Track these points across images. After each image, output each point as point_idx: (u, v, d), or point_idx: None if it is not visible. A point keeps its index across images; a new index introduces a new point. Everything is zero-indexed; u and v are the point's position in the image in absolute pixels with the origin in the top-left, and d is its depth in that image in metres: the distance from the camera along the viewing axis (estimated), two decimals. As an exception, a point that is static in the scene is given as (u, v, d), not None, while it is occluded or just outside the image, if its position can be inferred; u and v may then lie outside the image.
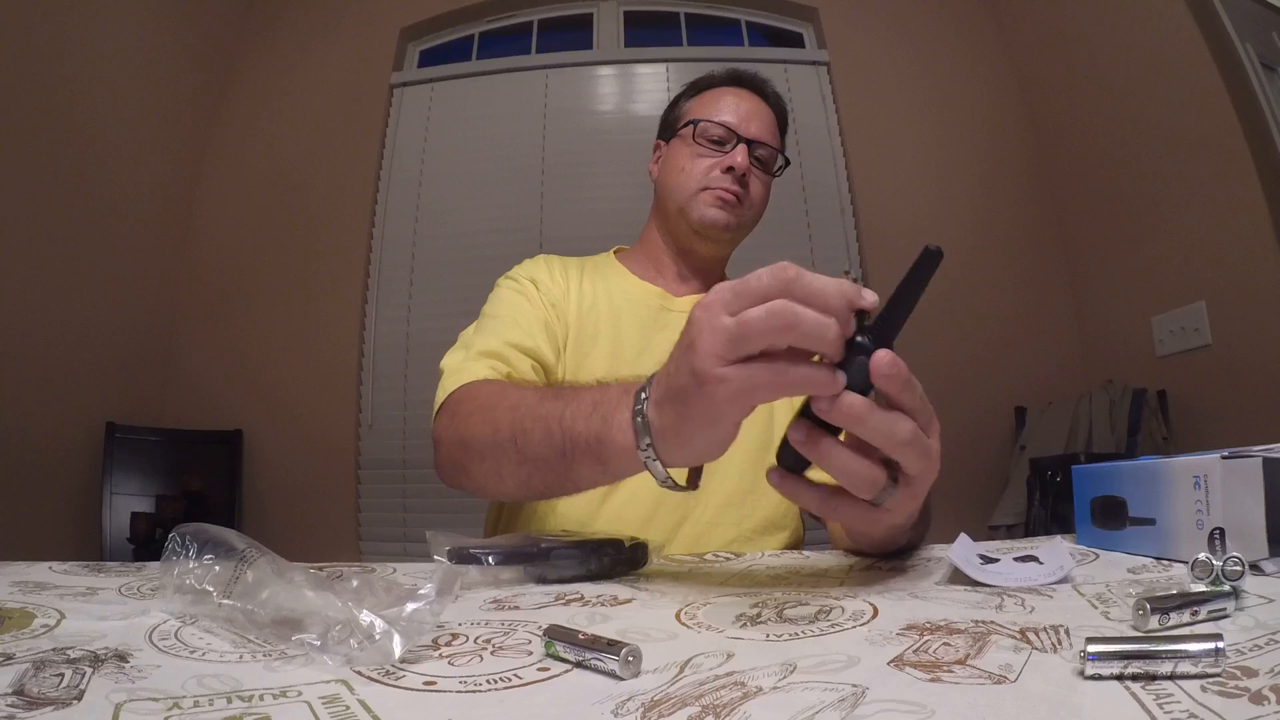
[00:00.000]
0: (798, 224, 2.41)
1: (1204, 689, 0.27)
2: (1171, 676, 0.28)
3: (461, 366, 0.78)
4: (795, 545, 0.91)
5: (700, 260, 0.99)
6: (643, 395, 0.48)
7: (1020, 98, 2.50)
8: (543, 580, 0.53)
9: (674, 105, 1.05)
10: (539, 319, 0.88)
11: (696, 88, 1.02)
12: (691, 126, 0.96)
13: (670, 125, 1.03)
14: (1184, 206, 1.92)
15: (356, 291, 2.43)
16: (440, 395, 0.77)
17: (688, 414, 0.45)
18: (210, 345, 2.44)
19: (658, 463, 0.48)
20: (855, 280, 0.43)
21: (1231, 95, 1.73)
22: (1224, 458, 0.48)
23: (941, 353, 2.31)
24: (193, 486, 2.23)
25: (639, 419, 0.48)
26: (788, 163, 1.00)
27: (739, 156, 0.92)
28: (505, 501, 0.92)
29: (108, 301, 2.22)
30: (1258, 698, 0.26)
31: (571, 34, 2.67)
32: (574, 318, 0.91)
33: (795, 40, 2.67)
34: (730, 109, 0.96)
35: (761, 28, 2.69)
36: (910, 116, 2.49)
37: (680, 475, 0.50)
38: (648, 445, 0.47)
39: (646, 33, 2.65)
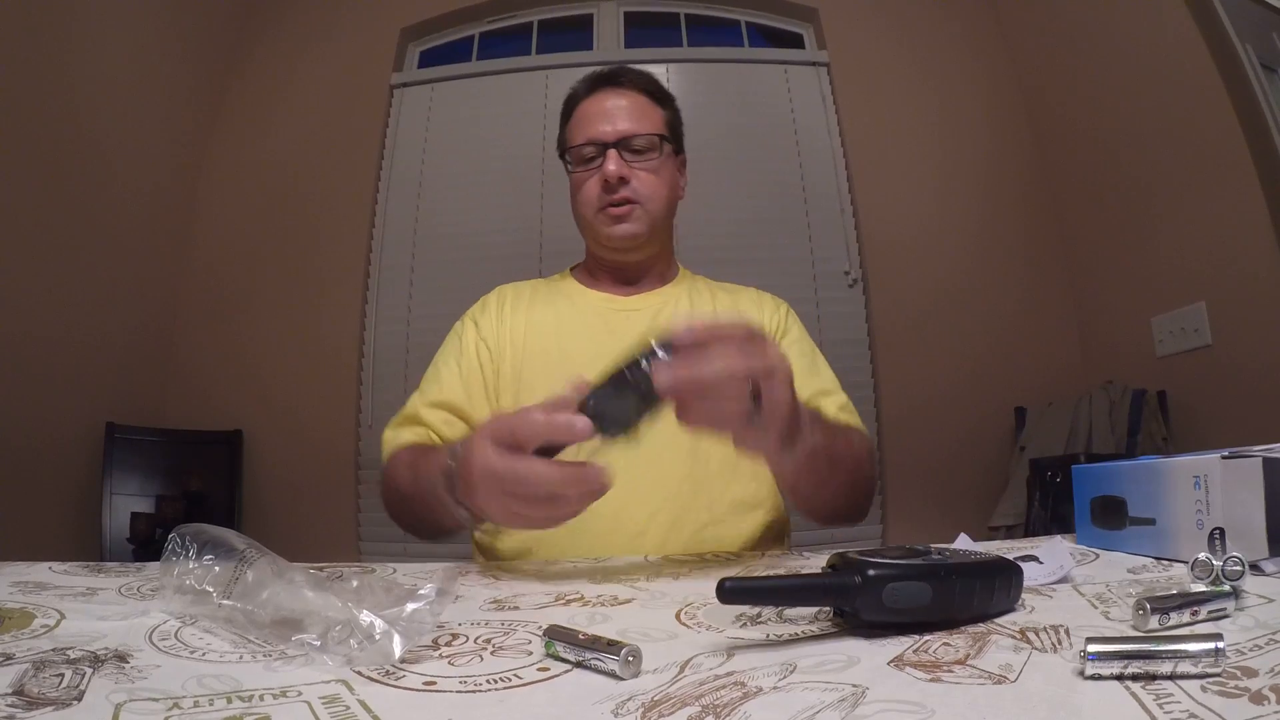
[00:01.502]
0: (798, 224, 2.41)
1: (1204, 689, 0.27)
2: (1171, 676, 0.28)
3: (393, 437, 0.93)
4: (776, 525, 0.92)
5: (636, 268, 1.01)
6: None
7: (1020, 98, 2.50)
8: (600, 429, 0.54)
9: (559, 135, 1.05)
10: (467, 365, 0.97)
11: (564, 111, 1.03)
12: (567, 160, 0.99)
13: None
14: (1184, 207, 1.92)
15: (356, 292, 2.43)
16: (383, 460, 0.93)
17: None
18: (210, 345, 2.44)
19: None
20: (855, 281, 0.45)
21: (1231, 96, 1.73)
22: (1224, 458, 0.48)
23: (942, 353, 2.31)
24: (193, 487, 2.23)
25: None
26: (675, 135, 1.00)
27: (609, 164, 0.93)
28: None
29: (108, 302, 2.22)
30: (1258, 698, 0.26)
31: (571, 34, 2.67)
32: (521, 348, 0.97)
33: (795, 41, 2.67)
34: (591, 120, 0.96)
35: (761, 28, 2.69)
36: (910, 117, 2.49)
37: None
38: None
39: (647, 33, 2.65)
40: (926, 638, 0.35)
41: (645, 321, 0.96)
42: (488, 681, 0.32)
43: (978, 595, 0.38)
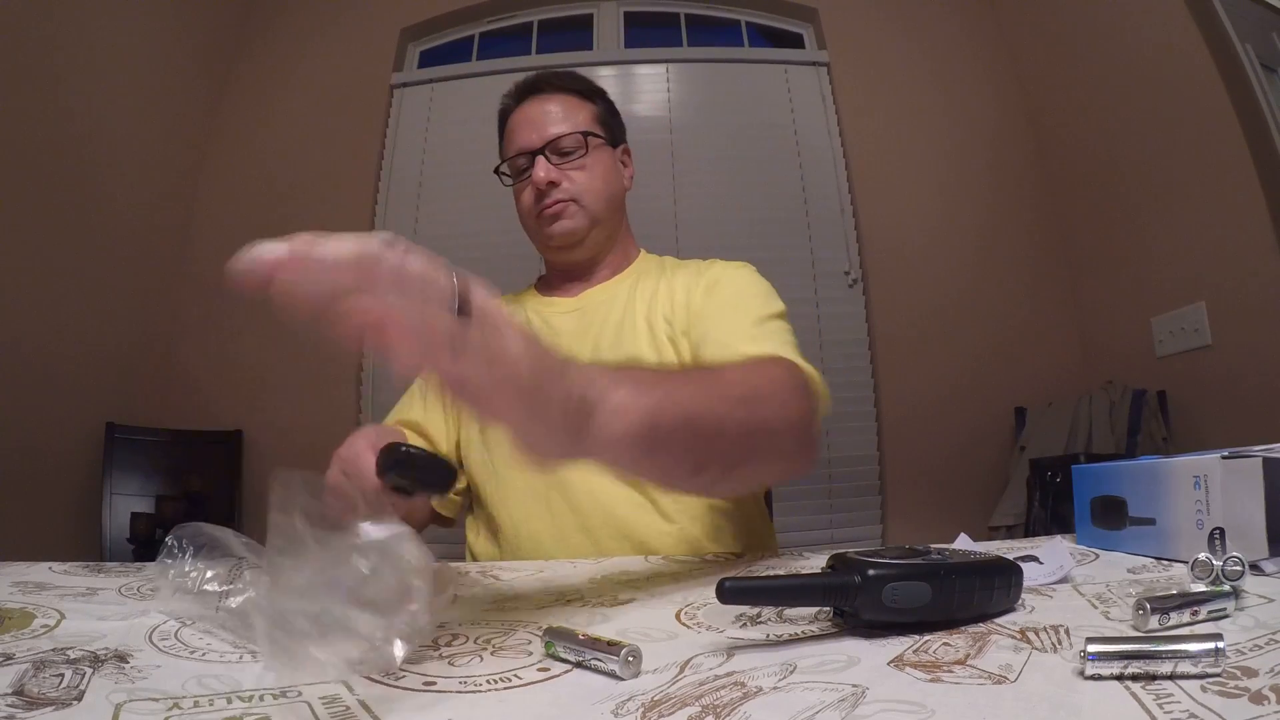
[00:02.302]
0: (798, 225, 2.40)
1: (1204, 689, 0.27)
2: (1171, 676, 0.28)
3: None
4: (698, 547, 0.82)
5: (587, 265, 1.02)
6: None
7: (1021, 98, 2.50)
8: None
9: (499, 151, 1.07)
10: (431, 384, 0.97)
11: (499, 126, 1.04)
12: (504, 175, 1.01)
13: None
14: (1184, 206, 1.92)
15: (356, 292, 2.43)
16: None
17: None
18: (210, 346, 2.43)
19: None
20: (855, 281, 0.43)
21: (1231, 95, 1.73)
22: (1224, 458, 0.48)
23: (942, 353, 2.31)
24: (193, 487, 2.23)
25: None
26: (607, 128, 1.01)
27: (539, 171, 0.95)
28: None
29: (108, 302, 2.22)
30: (1258, 698, 0.26)
31: (571, 34, 2.67)
32: None
33: (795, 41, 2.66)
34: (519, 130, 0.98)
35: (761, 28, 2.69)
36: (910, 117, 2.49)
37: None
38: None
39: (646, 33, 2.65)
40: (926, 638, 0.35)
41: (584, 318, 0.97)
42: (488, 682, 0.32)
43: (978, 595, 0.38)
